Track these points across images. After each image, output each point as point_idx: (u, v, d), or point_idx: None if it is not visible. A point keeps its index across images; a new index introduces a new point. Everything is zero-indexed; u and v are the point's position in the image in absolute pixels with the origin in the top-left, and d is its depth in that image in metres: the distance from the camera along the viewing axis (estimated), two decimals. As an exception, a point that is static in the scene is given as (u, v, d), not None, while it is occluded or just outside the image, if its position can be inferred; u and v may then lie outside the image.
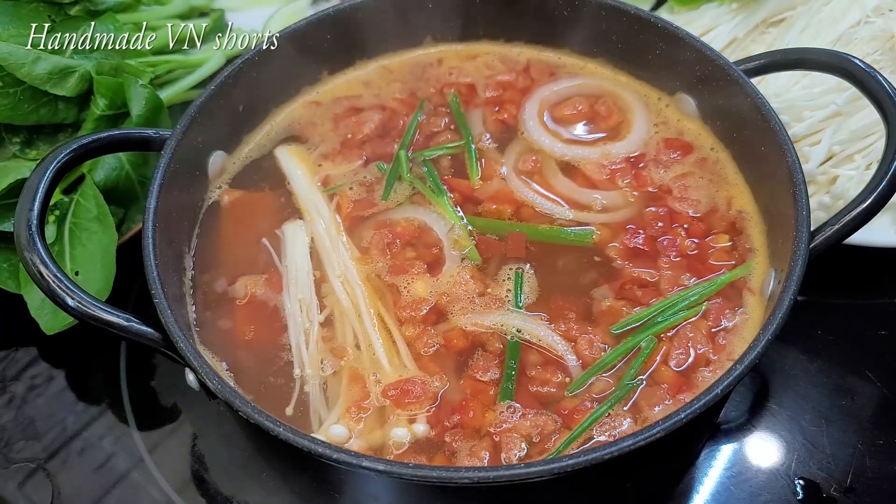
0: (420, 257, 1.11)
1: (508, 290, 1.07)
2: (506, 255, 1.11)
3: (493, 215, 1.16)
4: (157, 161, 1.07)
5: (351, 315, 1.06)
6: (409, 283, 1.08)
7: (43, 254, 0.94)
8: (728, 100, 1.15)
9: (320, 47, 1.30)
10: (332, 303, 1.08)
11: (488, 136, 1.26)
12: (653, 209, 1.15)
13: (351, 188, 1.20)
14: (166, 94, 1.37)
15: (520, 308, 1.05)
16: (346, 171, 1.22)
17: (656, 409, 0.95)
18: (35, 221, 0.95)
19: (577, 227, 1.13)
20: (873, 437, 1.15)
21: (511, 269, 1.09)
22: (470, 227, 1.14)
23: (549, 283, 1.08)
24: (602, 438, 0.93)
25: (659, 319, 1.02)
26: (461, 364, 1.01)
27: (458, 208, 1.16)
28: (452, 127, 1.28)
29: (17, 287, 1.22)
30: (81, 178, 1.25)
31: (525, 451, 0.93)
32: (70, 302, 0.93)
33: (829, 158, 1.32)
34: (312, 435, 0.88)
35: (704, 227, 1.12)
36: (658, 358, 0.99)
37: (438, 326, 1.05)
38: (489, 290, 1.07)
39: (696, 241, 1.11)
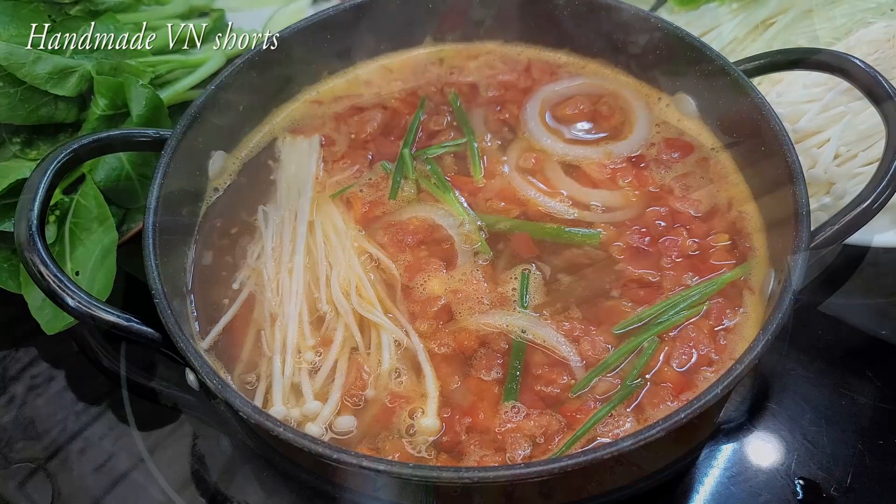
0: (433, 254, 1.11)
1: (514, 290, 1.07)
2: (517, 253, 1.11)
3: (499, 213, 1.16)
4: (157, 161, 1.06)
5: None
6: (425, 280, 1.08)
7: (43, 254, 0.94)
8: (728, 100, 1.15)
9: (320, 47, 1.30)
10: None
11: (489, 135, 1.26)
12: (654, 209, 1.15)
13: (361, 190, 1.20)
14: (166, 94, 1.36)
15: (525, 309, 1.05)
16: (352, 172, 1.22)
17: (659, 409, 0.95)
18: (35, 221, 0.95)
19: (585, 229, 1.13)
20: (873, 437, 1.15)
21: (518, 269, 1.09)
22: (479, 222, 1.14)
23: (553, 283, 1.08)
24: (606, 439, 0.93)
25: (661, 319, 1.02)
26: (467, 363, 1.01)
27: (465, 203, 1.17)
28: (455, 125, 1.28)
29: (18, 287, 1.22)
30: (82, 178, 1.25)
31: (529, 451, 0.93)
32: (70, 302, 0.93)
33: (834, 159, 1.32)
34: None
35: (705, 227, 1.12)
36: (661, 358, 0.99)
37: (447, 325, 1.05)
38: (498, 288, 1.07)
39: (697, 240, 1.11)
